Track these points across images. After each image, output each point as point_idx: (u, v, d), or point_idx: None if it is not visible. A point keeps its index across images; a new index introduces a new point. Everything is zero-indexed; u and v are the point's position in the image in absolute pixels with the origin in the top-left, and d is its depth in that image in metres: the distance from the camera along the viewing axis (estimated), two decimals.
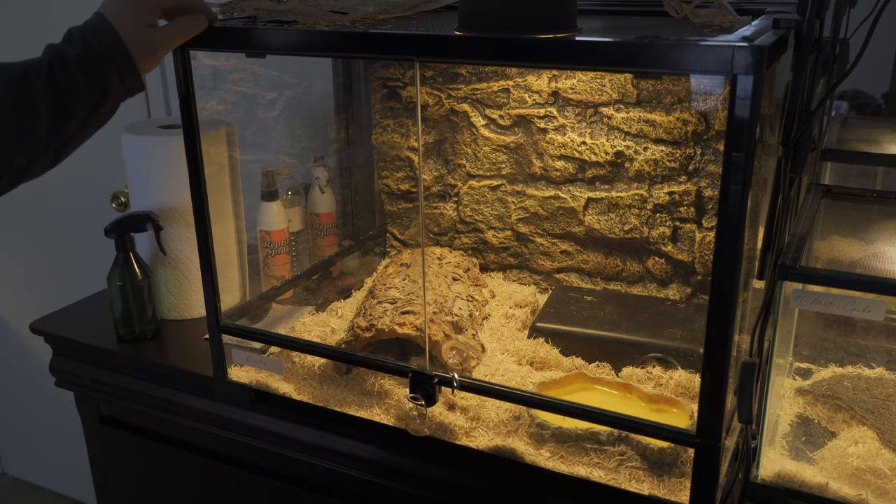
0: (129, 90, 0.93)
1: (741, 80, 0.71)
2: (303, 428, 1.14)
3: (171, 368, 1.26)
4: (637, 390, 1.07)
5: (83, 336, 1.35)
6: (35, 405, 2.47)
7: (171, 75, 1.03)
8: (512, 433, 1.04)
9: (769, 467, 0.93)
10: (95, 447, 1.41)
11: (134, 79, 0.92)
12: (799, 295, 0.87)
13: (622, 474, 0.96)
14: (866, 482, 0.90)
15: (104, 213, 1.81)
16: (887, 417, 0.99)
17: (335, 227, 1.49)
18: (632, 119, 1.25)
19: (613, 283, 1.37)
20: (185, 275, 1.39)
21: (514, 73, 1.32)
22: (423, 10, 1.12)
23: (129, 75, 0.91)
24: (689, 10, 0.81)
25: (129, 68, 0.91)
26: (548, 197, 1.36)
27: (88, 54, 0.89)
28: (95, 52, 0.89)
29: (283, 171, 1.46)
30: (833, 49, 1.08)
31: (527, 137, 1.35)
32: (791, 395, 1.07)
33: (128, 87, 0.92)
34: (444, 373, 1.02)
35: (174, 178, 1.33)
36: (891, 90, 1.34)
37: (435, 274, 1.29)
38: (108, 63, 0.90)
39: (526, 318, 1.29)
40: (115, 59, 0.90)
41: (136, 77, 0.92)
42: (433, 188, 1.47)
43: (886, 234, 1.03)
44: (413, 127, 1.44)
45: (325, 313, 1.34)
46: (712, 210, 1.25)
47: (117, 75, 0.91)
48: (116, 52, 0.90)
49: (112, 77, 0.90)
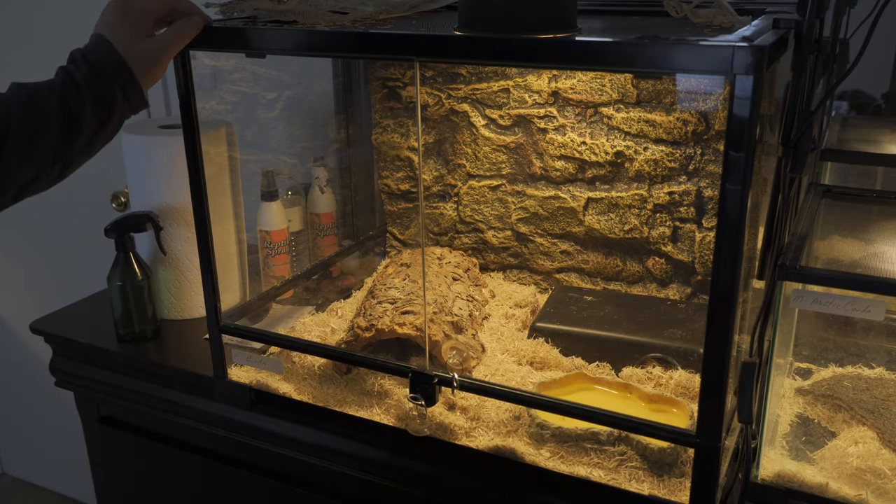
0: (133, 108, 0.94)
1: (741, 80, 0.71)
2: (303, 428, 1.14)
3: (171, 368, 1.26)
4: (637, 390, 1.07)
5: (83, 336, 1.35)
6: (35, 405, 2.47)
7: (171, 75, 1.03)
8: (512, 433, 1.04)
9: (769, 467, 0.93)
10: (95, 447, 1.41)
11: (138, 96, 0.93)
12: (799, 295, 0.87)
13: (622, 474, 0.96)
14: (866, 482, 0.90)
15: (104, 213, 1.81)
16: (887, 417, 0.99)
17: (335, 227, 1.49)
18: (632, 119, 1.25)
19: (613, 283, 1.37)
20: (185, 275, 1.39)
21: (514, 73, 1.32)
22: (423, 10, 1.11)
23: (133, 93, 0.92)
24: (689, 10, 0.81)
25: (132, 86, 0.92)
26: (548, 197, 1.36)
27: (94, 75, 0.90)
28: (99, 73, 0.90)
29: (283, 171, 1.46)
30: (833, 49, 1.08)
31: (527, 137, 1.35)
32: (791, 395, 1.07)
33: (132, 104, 0.94)
34: (444, 373, 1.02)
35: (174, 178, 1.33)
36: (891, 90, 1.34)
37: (435, 274, 1.29)
38: (112, 82, 0.90)
39: (526, 318, 1.29)
40: (118, 79, 0.91)
41: (139, 94, 0.93)
42: (433, 188, 1.47)
43: (886, 234, 1.03)
44: (413, 127, 1.44)
45: (325, 313, 1.34)
46: (712, 210, 1.25)
47: (122, 94, 0.92)
48: (119, 70, 0.91)
49: (117, 96, 0.91)
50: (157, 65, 0.94)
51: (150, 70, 0.93)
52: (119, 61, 0.90)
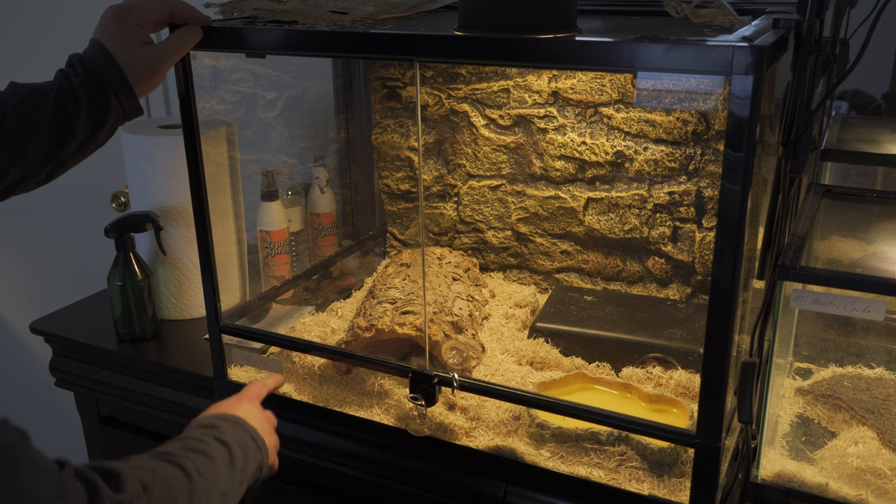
0: (127, 115, 0.94)
1: (741, 80, 0.71)
2: (303, 428, 1.14)
3: (171, 368, 1.26)
4: (637, 390, 1.07)
5: (83, 336, 1.35)
6: (35, 405, 2.47)
7: (171, 75, 1.03)
8: (512, 433, 1.04)
9: (769, 467, 0.93)
10: (95, 447, 1.41)
11: (132, 104, 0.93)
12: (799, 295, 0.87)
13: (622, 474, 0.96)
14: (866, 482, 0.90)
15: (104, 213, 1.81)
16: (887, 417, 0.99)
17: (335, 227, 1.49)
18: (632, 119, 1.25)
19: (613, 283, 1.37)
20: (185, 275, 1.39)
21: (514, 73, 1.32)
22: (423, 10, 1.11)
23: (128, 101, 0.92)
24: (689, 10, 0.81)
25: (127, 94, 0.92)
26: (548, 197, 1.36)
27: (90, 81, 0.90)
28: (96, 79, 0.90)
29: (283, 171, 1.46)
30: (833, 49, 1.08)
31: (527, 137, 1.35)
32: (791, 395, 1.07)
33: (126, 112, 0.93)
34: (444, 373, 1.02)
35: (174, 178, 1.33)
36: (891, 90, 1.34)
37: (435, 274, 1.29)
38: (107, 89, 0.90)
39: (526, 318, 1.29)
40: (113, 86, 0.90)
41: (134, 103, 0.93)
42: (433, 188, 1.47)
43: (886, 234, 1.03)
44: (413, 127, 1.44)
45: (325, 313, 1.34)
46: (712, 210, 1.25)
47: (116, 101, 0.91)
48: (114, 77, 0.90)
49: (112, 103, 0.91)
50: (155, 73, 0.93)
51: (148, 78, 0.93)
52: (115, 69, 0.90)
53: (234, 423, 0.87)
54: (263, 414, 0.97)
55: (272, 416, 0.99)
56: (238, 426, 0.87)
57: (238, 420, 0.89)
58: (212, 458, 0.78)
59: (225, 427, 0.85)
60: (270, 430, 0.96)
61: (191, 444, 0.79)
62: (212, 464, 0.78)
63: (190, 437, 0.81)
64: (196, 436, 0.82)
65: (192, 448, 0.78)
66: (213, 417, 0.88)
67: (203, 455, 0.78)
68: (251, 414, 0.93)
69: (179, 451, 0.77)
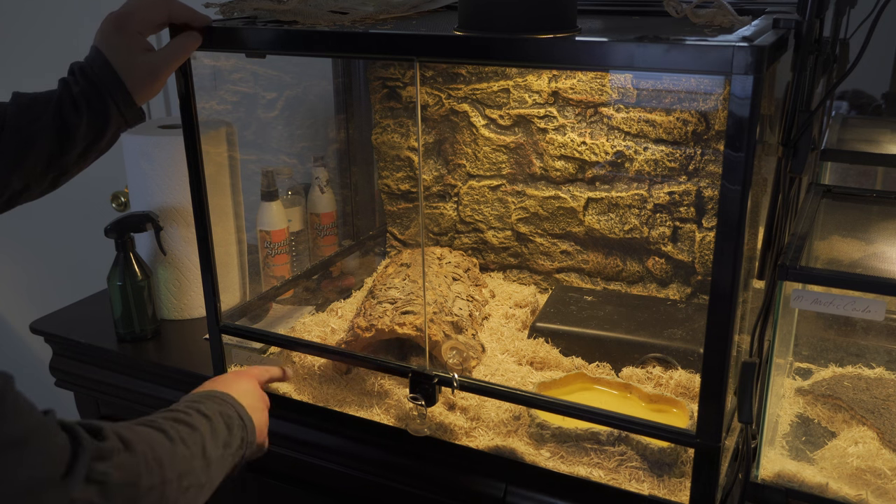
0: (128, 123, 0.94)
1: (741, 80, 0.71)
2: (303, 428, 1.14)
3: (171, 368, 1.26)
4: (637, 390, 1.07)
5: (83, 336, 1.35)
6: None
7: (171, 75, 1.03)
8: (512, 433, 1.04)
9: (769, 467, 0.93)
10: None
11: (132, 112, 0.93)
12: (799, 295, 0.87)
13: (622, 474, 0.96)
14: (866, 482, 0.90)
15: (104, 213, 1.81)
16: (887, 417, 0.99)
17: (335, 227, 1.49)
18: (632, 119, 1.25)
19: (613, 283, 1.37)
20: (185, 275, 1.39)
21: (514, 73, 1.32)
22: (423, 10, 1.11)
23: (128, 109, 0.92)
24: (689, 10, 0.81)
25: (127, 103, 0.92)
26: (548, 197, 1.36)
27: (90, 89, 0.90)
28: (95, 87, 0.90)
29: (283, 171, 1.46)
30: (833, 49, 1.08)
31: (527, 137, 1.35)
32: (791, 395, 1.07)
33: (127, 119, 0.93)
34: (444, 373, 1.02)
35: (174, 178, 1.33)
36: (891, 90, 1.33)
37: (435, 274, 1.29)
38: (107, 98, 0.90)
39: (526, 318, 1.29)
40: (113, 94, 0.90)
41: (134, 110, 0.93)
42: (433, 188, 1.47)
43: (886, 234, 1.03)
44: (413, 127, 1.44)
45: (325, 313, 1.34)
46: (712, 210, 1.25)
47: (116, 109, 0.91)
48: (114, 86, 0.90)
49: (112, 111, 0.91)
50: (155, 80, 0.93)
51: (148, 85, 0.93)
52: (114, 78, 0.90)
53: (222, 400, 0.88)
54: (258, 393, 0.96)
55: (266, 397, 0.99)
56: (226, 403, 0.88)
57: (226, 397, 0.89)
58: (195, 428, 0.79)
59: (211, 403, 0.86)
60: (262, 409, 0.95)
61: (174, 416, 0.80)
62: (194, 433, 0.79)
63: (174, 409, 0.83)
64: (180, 408, 0.83)
65: (175, 418, 0.79)
66: (201, 395, 0.89)
67: (185, 425, 0.79)
68: (243, 391, 0.93)
69: (162, 420, 0.78)
